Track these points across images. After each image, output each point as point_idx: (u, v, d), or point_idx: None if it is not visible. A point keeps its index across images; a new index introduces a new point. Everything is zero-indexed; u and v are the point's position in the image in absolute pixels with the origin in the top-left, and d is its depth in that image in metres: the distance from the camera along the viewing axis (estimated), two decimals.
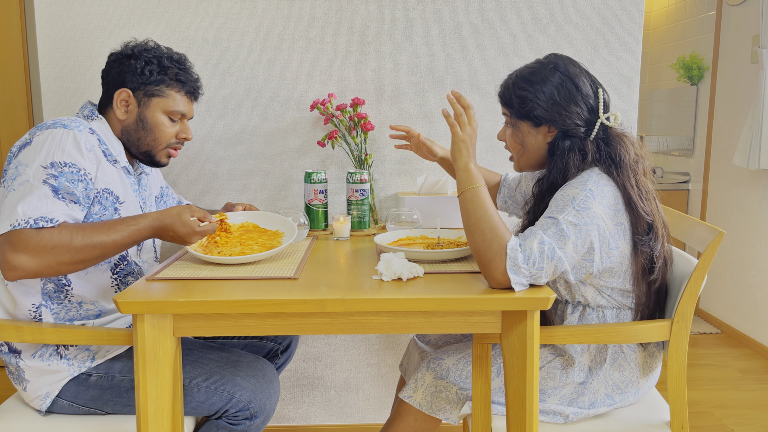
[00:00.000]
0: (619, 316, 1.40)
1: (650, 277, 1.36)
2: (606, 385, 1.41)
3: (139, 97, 1.49)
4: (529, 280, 1.23)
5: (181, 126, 1.56)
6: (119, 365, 1.42)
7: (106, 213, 1.41)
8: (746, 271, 3.26)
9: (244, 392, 1.42)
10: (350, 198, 1.88)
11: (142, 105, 1.49)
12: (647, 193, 1.35)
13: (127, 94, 1.48)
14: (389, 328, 1.25)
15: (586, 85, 1.38)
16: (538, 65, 1.41)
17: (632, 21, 2.08)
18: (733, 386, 2.73)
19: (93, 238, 1.29)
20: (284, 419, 2.25)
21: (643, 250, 1.33)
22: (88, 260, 1.30)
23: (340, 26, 2.05)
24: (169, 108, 1.51)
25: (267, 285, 1.28)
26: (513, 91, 1.40)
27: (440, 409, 1.50)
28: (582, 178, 1.32)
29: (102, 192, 1.41)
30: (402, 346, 2.22)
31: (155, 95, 1.50)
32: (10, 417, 1.41)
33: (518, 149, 1.45)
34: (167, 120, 1.52)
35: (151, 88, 1.49)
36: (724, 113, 3.44)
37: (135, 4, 2.01)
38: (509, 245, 1.22)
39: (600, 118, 1.38)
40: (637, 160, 1.36)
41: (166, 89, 1.51)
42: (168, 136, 1.53)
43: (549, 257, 1.23)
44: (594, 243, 1.27)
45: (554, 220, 1.26)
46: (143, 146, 1.52)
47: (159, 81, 1.50)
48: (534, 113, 1.38)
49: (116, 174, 1.46)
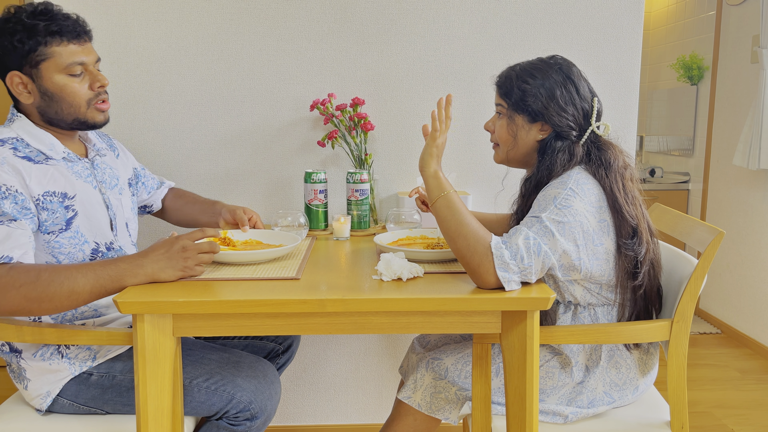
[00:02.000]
0: (611, 313, 1.41)
1: (634, 282, 1.37)
2: (604, 383, 1.41)
3: (28, 72, 1.34)
4: (520, 277, 1.23)
5: (89, 76, 1.40)
6: (120, 365, 1.42)
7: (58, 216, 1.35)
8: (746, 271, 3.26)
9: (245, 393, 1.42)
10: (350, 198, 1.88)
11: (36, 78, 1.35)
12: (633, 198, 1.36)
13: (18, 77, 1.35)
14: (389, 328, 1.25)
15: (585, 90, 1.40)
16: (541, 63, 1.42)
17: (632, 21, 2.08)
18: (733, 386, 2.73)
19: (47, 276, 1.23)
20: (284, 419, 2.25)
21: (626, 254, 1.34)
22: (48, 299, 1.23)
23: (340, 26, 2.05)
24: (61, 65, 1.35)
25: (267, 285, 1.28)
26: (515, 83, 1.40)
27: (439, 409, 1.50)
28: (563, 178, 1.33)
29: (42, 197, 1.33)
30: (402, 346, 2.22)
31: (40, 61, 1.34)
32: (10, 417, 1.41)
33: (509, 141, 1.45)
34: (69, 78, 1.36)
35: (33, 57, 1.33)
36: (724, 113, 3.44)
37: (135, 5, 2.01)
38: (493, 244, 1.23)
39: (592, 126, 1.40)
40: (625, 166, 1.39)
41: (46, 49, 1.33)
42: (81, 93, 1.38)
43: (536, 252, 1.24)
44: (578, 240, 1.28)
45: (537, 218, 1.27)
46: (66, 116, 1.39)
47: (34, 45, 1.32)
48: (532, 108, 1.39)
49: (53, 171, 1.36)
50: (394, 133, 2.11)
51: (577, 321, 1.41)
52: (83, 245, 1.41)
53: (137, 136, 2.07)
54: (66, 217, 1.37)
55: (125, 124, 2.05)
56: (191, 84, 2.06)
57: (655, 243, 1.40)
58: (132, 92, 2.04)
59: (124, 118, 2.05)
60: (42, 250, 1.36)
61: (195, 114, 2.07)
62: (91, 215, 1.43)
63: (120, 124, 2.05)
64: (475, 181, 2.14)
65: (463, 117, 2.11)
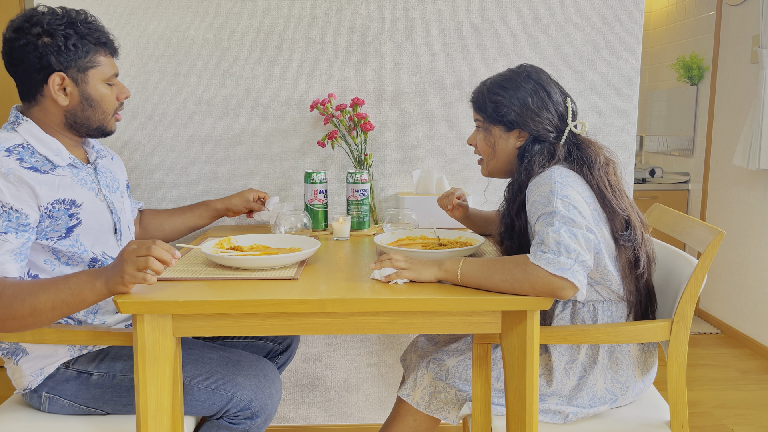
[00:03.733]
0: (611, 309, 1.41)
1: (637, 271, 1.39)
2: (605, 379, 1.41)
3: (74, 75, 1.37)
4: (577, 264, 1.19)
5: (117, 88, 1.46)
6: (120, 365, 1.42)
7: (59, 223, 1.35)
8: (746, 271, 3.26)
9: (245, 392, 1.42)
10: (350, 198, 1.88)
11: (80, 83, 1.38)
12: (620, 191, 1.39)
13: (61, 78, 1.35)
14: (389, 328, 1.25)
15: (556, 93, 1.43)
16: (511, 73, 1.46)
17: (632, 21, 2.08)
18: (733, 386, 2.73)
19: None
20: (284, 419, 2.25)
21: (624, 245, 1.36)
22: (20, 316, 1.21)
23: (340, 26, 2.05)
24: (105, 76, 1.41)
25: (267, 285, 1.28)
26: (487, 96, 1.45)
27: (438, 409, 1.50)
28: (544, 175, 1.34)
29: (52, 206, 1.33)
30: (402, 346, 2.22)
31: (89, 68, 1.38)
32: (10, 417, 1.41)
33: (489, 153, 1.49)
34: (108, 87, 1.43)
35: (83, 62, 1.37)
36: (724, 113, 3.44)
37: (135, 4, 2.01)
38: (530, 258, 1.21)
39: (569, 126, 1.43)
40: (607, 162, 1.41)
41: (95, 57, 1.39)
42: (113, 104, 1.45)
43: (573, 237, 1.21)
44: (589, 220, 1.28)
45: (546, 215, 1.27)
46: (94, 123, 1.43)
47: (86, 51, 1.37)
48: (507, 118, 1.43)
49: (59, 180, 1.36)
50: (394, 133, 2.11)
51: (576, 318, 1.41)
52: (82, 254, 1.40)
53: (137, 137, 2.07)
54: (67, 225, 1.37)
55: (125, 125, 2.05)
56: (191, 84, 2.06)
57: (648, 236, 1.43)
58: (132, 92, 2.04)
59: (124, 119, 2.05)
60: (40, 251, 1.36)
61: (195, 114, 2.07)
62: (95, 223, 1.43)
63: (120, 125, 2.05)
64: (475, 181, 2.14)
65: (463, 117, 2.11)
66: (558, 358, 1.42)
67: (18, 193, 1.28)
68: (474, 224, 1.76)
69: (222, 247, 1.50)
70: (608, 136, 1.52)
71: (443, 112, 2.11)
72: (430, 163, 2.12)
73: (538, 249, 1.22)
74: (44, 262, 1.36)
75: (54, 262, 1.37)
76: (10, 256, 1.26)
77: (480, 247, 1.57)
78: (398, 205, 2.02)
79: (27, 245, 1.29)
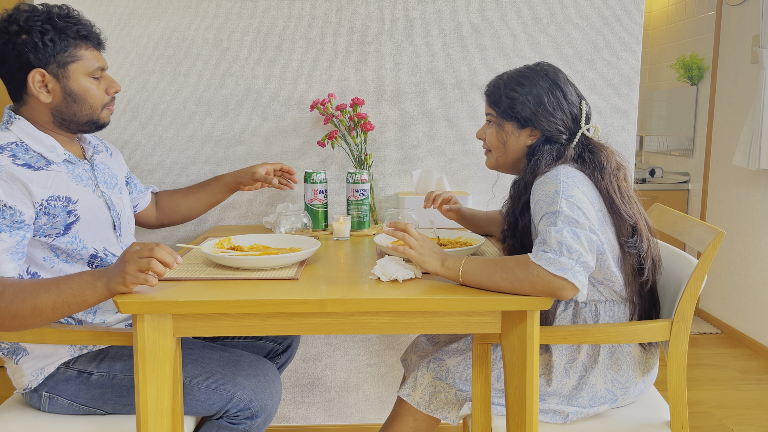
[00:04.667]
0: (612, 309, 1.41)
1: (641, 278, 1.38)
2: (605, 379, 1.41)
3: (54, 71, 1.35)
4: (578, 265, 1.19)
5: (106, 81, 1.44)
6: (120, 364, 1.42)
7: (58, 220, 1.34)
8: (746, 271, 3.26)
9: (245, 392, 1.42)
10: (350, 198, 1.88)
11: (61, 78, 1.36)
12: (629, 198, 1.39)
13: (41, 74, 1.34)
14: (389, 328, 1.25)
15: (572, 94, 1.42)
16: (528, 70, 1.45)
17: (632, 21, 2.08)
18: (733, 386, 2.73)
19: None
20: (284, 419, 2.25)
21: (630, 252, 1.35)
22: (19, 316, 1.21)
23: (340, 26, 2.05)
24: (88, 69, 1.39)
25: (267, 285, 1.28)
26: (504, 92, 1.43)
27: (438, 408, 1.50)
28: (551, 174, 1.33)
29: (47, 202, 1.32)
30: (402, 346, 2.22)
31: (69, 62, 1.36)
32: (10, 417, 1.41)
33: (499, 148, 1.48)
34: (92, 81, 1.40)
35: (62, 57, 1.35)
36: (724, 113, 3.44)
37: (135, 4, 2.01)
38: (531, 257, 1.20)
39: (582, 129, 1.42)
40: (618, 167, 1.41)
41: (76, 51, 1.37)
42: (100, 97, 1.42)
43: (576, 237, 1.21)
44: (593, 221, 1.28)
45: (550, 214, 1.26)
46: (82, 118, 1.41)
47: (65, 46, 1.35)
48: (521, 115, 1.41)
49: (54, 176, 1.35)
50: (394, 133, 2.11)
51: (578, 318, 1.41)
52: (82, 251, 1.40)
53: (137, 136, 2.07)
54: (66, 222, 1.36)
55: (125, 124, 2.05)
56: (191, 84, 2.06)
57: (654, 242, 1.41)
58: (132, 92, 2.04)
59: (124, 118, 2.05)
60: (39, 248, 1.36)
61: (195, 114, 2.07)
62: (93, 220, 1.42)
63: (120, 124, 2.05)
64: (475, 181, 2.14)
65: (463, 117, 2.11)
66: (558, 358, 1.42)
67: (11, 190, 1.28)
68: (472, 224, 1.76)
69: (222, 247, 1.50)
70: (608, 136, 1.52)
71: (443, 112, 2.11)
72: (430, 163, 2.13)
73: (540, 248, 1.22)
74: (43, 260, 1.36)
75: (53, 260, 1.37)
76: (6, 255, 1.26)
77: (480, 248, 1.57)
78: (398, 205, 2.02)
79: (23, 243, 1.29)
